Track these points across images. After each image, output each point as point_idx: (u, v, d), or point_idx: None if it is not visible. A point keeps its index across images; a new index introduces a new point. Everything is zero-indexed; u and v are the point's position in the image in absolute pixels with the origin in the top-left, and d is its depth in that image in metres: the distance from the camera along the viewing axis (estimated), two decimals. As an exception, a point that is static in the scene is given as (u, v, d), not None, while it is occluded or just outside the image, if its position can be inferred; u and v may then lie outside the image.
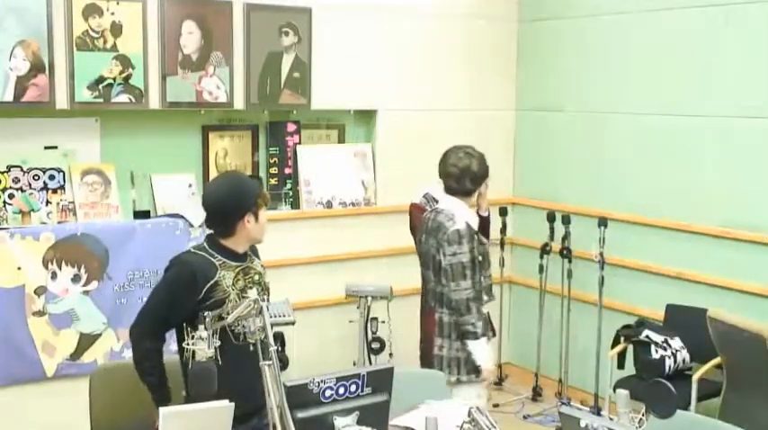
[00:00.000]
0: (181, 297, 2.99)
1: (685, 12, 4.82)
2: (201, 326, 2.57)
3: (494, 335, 4.00)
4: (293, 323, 4.18)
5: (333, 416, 2.50)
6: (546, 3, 5.71)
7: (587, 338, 5.29)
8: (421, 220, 4.03)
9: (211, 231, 3.16)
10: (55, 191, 4.42)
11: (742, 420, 3.36)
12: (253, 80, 4.87)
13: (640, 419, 2.85)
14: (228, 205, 3.10)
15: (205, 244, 3.14)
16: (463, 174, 3.83)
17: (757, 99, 4.51)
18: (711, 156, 4.73)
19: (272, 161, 5.13)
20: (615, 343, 4.86)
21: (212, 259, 3.08)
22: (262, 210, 3.14)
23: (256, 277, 3.18)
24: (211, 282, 3.02)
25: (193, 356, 2.55)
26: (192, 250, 3.14)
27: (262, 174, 5.10)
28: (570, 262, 5.33)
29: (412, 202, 4.34)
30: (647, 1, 5.03)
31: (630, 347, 4.78)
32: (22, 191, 4.34)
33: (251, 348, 3.00)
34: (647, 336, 4.65)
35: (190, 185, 4.80)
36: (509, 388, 5.80)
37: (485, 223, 4.01)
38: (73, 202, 4.44)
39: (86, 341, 4.33)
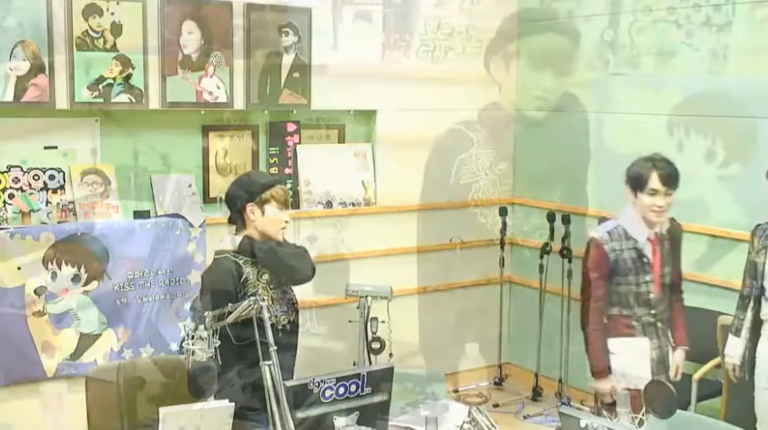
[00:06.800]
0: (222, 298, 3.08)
1: (685, 12, 4.82)
2: (201, 326, 2.57)
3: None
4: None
5: (333, 416, 2.50)
6: (546, 3, 5.71)
7: (587, 338, 5.27)
8: None
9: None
10: (55, 191, 4.42)
11: (742, 420, 3.36)
12: (253, 80, 4.87)
13: (640, 419, 2.85)
14: (231, 194, 3.39)
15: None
16: None
17: (757, 99, 4.51)
18: (711, 155, 4.72)
19: (272, 161, 5.13)
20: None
21: (235, 258, 3.29)
22: (269, 205, 3.33)
23: None
24: (242, 278, 3.23)
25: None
26: (215, 258, 3.37)
27: (262, 174, 5.11)
28: (570, 262, 5.31)
29: None
30: (646, 1, 5.03)
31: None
32: (22, 191, 4.34)
33: (279, 334, 3.20)
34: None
35: (190, 185, 4.80)
36: (509, 388, 5.79)
37: None
38: (73, 202, 4.44)
39: (86, 341, 4.33)
